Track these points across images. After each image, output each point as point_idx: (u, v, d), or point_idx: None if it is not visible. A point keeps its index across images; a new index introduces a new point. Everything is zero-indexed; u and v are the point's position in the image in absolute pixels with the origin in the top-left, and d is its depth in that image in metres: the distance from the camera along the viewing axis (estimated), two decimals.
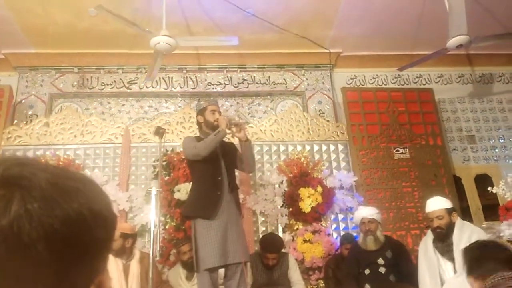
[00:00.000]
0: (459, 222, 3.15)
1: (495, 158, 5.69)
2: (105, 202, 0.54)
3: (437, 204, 3.18)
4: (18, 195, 0.45)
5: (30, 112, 5.26)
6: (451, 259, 3.00)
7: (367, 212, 3.71)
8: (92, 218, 0.49)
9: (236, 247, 2.90)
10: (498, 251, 1.91)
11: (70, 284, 0.48)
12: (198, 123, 3.31)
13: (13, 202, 0.44)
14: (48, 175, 0.49)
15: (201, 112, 3.25)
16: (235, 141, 3.35)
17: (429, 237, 3.25)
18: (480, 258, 1.89)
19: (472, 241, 2.86)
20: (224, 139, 3.17)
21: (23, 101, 5.31)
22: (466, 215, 5.14)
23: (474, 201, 5.35)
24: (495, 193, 4.21)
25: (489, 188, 4.11)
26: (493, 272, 1.70)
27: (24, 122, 5.05)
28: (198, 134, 3.36)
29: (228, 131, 3.09)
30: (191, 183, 3.38)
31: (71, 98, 5.50)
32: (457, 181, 5.32)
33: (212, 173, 3.04)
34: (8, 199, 0.45)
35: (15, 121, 5.14)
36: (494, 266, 1.75)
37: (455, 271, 2.93)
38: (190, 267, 3.76)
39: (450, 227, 3.08)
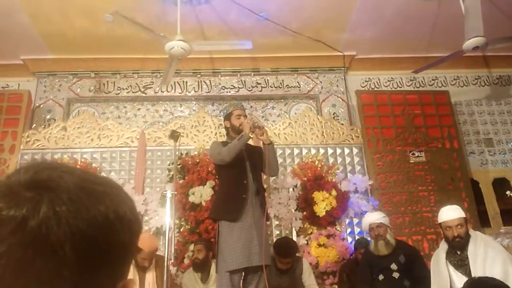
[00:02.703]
0: (471, 233, 3.06)
1: None
2: (130, 206, 0.55)
3: (456, 212, 3.10)
4: (47, 198, 0.47)
5: (48, 117, 5.36)
6: (467, 273, 2.90)
7: (373, 217, 3.68)
8: (117, 221, 0.51)
9: (259, 250, 2.89)
10: None
11: (95, 286, 0.49)
12: (225, 128, 3.39)
13: (42, 204, 0.46)
14: (76, 179, 0.51)
15: (227, 117, 3.30)
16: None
17: (442, 249, 3.14)
18: None
19: (488, 255, 2.80)
20: (251, 143, 3.21)
21: (42, 105, 5.42)
22: (484, 219, 5.05)
23: (492, 206, 5.24)
24: None
25: (508, 192, 4.03)
26: None
27: (43, 126, 5.16)
28: (225, 139, 3.42)
29: (251, 135, 3.13)
30: (218, 186, 3.47)
31: (88, 103, 5.59)
32: (474, 185, 5.22)
33: (237, 176, 3.09)
34: (37, 201, 0.46)
35: (34, 125, 5.25)
36: None
37: None
38: (197, 268, 3.79)
39: (468, 236, 3.01)
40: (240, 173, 3.10)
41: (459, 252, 3.00)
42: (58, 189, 0.48)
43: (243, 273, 2.99)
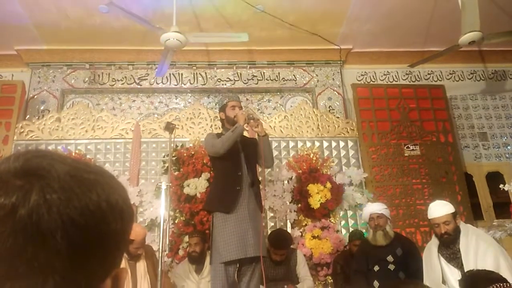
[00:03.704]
0: (462, 226, 3.05)
1: (507, 156, 5.61)
2: (122, 195, 0.55)
3: (443, 209, 3.07)
4: (37, 186, 0.46)
5: (42, 108, 5.32)
6: (459, 266, 2.91)
7: (375, 207, 3.70)
8: (109, 210, 0.50)
9: (254, 241, 2.88)
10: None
11: (86, 275, 0.49)
12: (221, 119, 3.36)
13: (32, 192, 0.46)
14: (67, 167, 0.50)
15: (222, 108, 3.28)
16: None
17: (433, 243, 3.15)
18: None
19: (480, 247, 2.82)
20: (246, 135, 3.19)
21: (36, 96, 5.38)
22: (477, 212, 5.10)
23: (485, 199, 5.30)
24: (507, 191, 4.16)
25: (501, 186, 4.05)
26: None
27: (36, 117, 5.12)
28: (221, 131, 3.40)
29: (246, 127, 3.12)
30: (212, 178, 3.47)
31: (82, 94, 5.56)
32: (468, 178, 5.27)
33: (232, 168, 3.07)
34: (27, 189, 0.46)
35: (28, 116, 5.21)
36: None
37: None
38: (193, 260, 3.81)
39: (457, 231, 3.00)
40: (234, 165, 3.09)
41: (451, 246, 3.01)
42: (48, 177, 0.47)
43: (237, 264, 3.00)
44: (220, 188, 3.11)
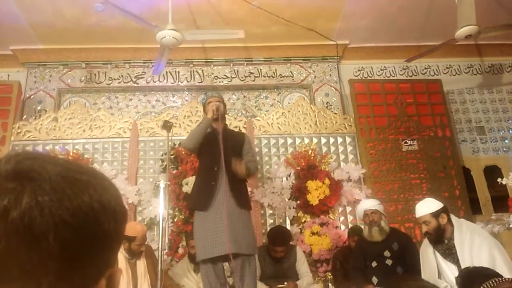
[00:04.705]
0: (456, 221, 3.01)
1: (504, 149, 5.63)
2: (115, 195, 0.54)
3: (422, 209, 3.04)
4: (29, 188, 0.46)
5: (39, 107, 5.31)
6: (455, 262, 2.89)
7: (368, 204, 3.72)
8: (102, 211, 0.50)
9: (230, 239, 2.75)
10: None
11: (80, 276, 0.48)
12: None
13: (24, 195, 0.45)
14: (59, 169, 0.50)
15: (204, 107, 3.29)
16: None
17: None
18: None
19: (475, 241, 2.82)
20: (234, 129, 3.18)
21: (32, 96, 5.36)
22: (475, 207, 5.11)
23: (483, 193, 5.31)
24: (505, 185, 4.16)
25: (499, 180, 4.06)
26: None
27: (33, 117, 5.11)
28: None
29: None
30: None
31: (79, 93, 5.54)
32: (466, 172, 5.28)
33: (209, 164, 3.01)
34: (19, 191, 0.45)
35: (24, 116, 5.20)
36: None
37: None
38: (194, 260, 3.80)
39: (439, 230, 2.96)
40: (211, 161, 3.00)
41: (445, 241, 3.01)
42: (40, 179, 0.47)
43: (223, 262, 2.96)
44: (198, 185, 3.07)
